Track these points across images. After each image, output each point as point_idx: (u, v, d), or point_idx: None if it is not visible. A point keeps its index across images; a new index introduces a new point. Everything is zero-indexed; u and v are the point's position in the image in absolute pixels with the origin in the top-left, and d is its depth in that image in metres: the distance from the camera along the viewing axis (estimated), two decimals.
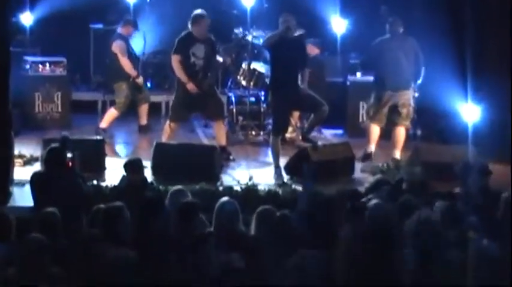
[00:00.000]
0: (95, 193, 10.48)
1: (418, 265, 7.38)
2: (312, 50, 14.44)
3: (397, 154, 13.20)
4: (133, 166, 10.34)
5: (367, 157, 13.32)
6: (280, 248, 7.91)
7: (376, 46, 13.72)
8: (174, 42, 13.19)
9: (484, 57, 14.13)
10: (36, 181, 9.91)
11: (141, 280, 7.09)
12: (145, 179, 10.41)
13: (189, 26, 12.90)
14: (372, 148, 13.43)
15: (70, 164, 10.22)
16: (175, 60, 13.00)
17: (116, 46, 14.32)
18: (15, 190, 10.86)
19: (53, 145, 10.22)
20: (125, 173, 10.32)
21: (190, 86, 12.85)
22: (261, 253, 7.87)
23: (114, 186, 10.56)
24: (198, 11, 12.94)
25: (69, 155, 10.23)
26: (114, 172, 11.54)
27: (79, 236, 7.89)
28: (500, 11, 14.25)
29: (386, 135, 13.61)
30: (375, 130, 13.53)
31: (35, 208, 9.56)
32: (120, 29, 14.63)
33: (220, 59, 13.60)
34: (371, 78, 14.24)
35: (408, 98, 13.39)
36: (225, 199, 8.80)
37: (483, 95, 13.44)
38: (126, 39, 14.48)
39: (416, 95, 13.53)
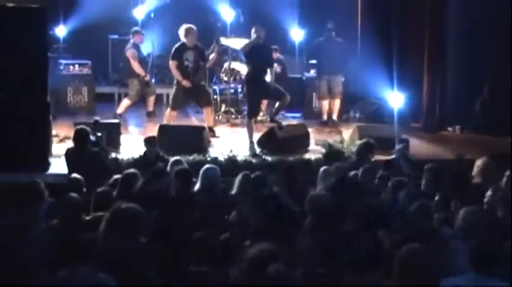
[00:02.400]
0: (114, 163, 10.48)
1: None
2: (274, 54, 14.47)
3: (335, 116, 14.48)
4: (150, 141, 10.44)
5: (323, 123, 14.38)
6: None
7: (316, 44, 14.69)
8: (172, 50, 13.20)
9: (406, 57, 14.22)
10: (68, 154, 9.93)
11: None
12: (158, 152, 10.44)
13: (182, 37, 12.90)
14: (325, 117, 14.51)
15: (99, 141, 10.24)
16: (172, 64, 13.02)
17: (129, 53, 14.28)
18: (53, 161, 10.80)
19: (78, 127, 10.19)
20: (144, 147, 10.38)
21: (185, 83, 12.87)
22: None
23: (138, 157, 10.57)
24: (188, 25, 12.94)
25: (98, 134, 10.24)
26: (127, 147, 11.55)
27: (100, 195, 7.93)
28: (419, 16, 14.37)
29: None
30: (325, 105, 14.57)
31: (69, 175, 9.59)
32: (133, 39, 14.57)
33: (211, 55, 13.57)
34: None
35: (339, 80, 14.46)
36: (207, 165, 8.86)
37: (406, 85, 13.52)
38: (137, 47, 14.41)
39: (343, 79, 14.57)
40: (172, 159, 9.57)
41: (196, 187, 8.58)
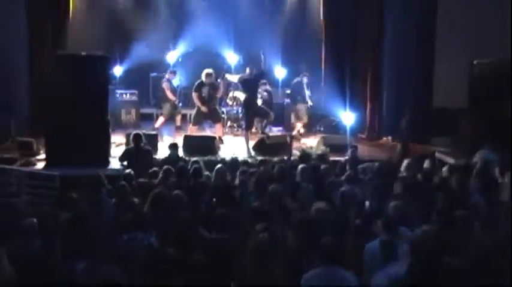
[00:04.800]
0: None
1: None
2: (263, 87, 14.57)
3: (301, 130, 14.38)
4: (173, 146, 10.53)
5: (295, 136, 13.97)
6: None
7: (293, 84, 14.66)
8: (194, 84, 13.31)
9: (355, 88, 14.34)
10: (130, 150, 10.19)
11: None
12: (178, 154, 10.56)
13: (203, 76, 13.04)
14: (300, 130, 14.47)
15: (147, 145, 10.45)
16: (194, 95, 13.16)
17: (164, 85, 14.32)
18: (112, 160, 10.95)
19: (134, 132, 10.44)
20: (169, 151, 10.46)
21: (203, 109, 13.03)
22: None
23: (165, 157, 10.64)
24: (209, 71, 13.09)
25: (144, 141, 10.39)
26: (162, 150, 11.62)
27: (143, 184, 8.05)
28: (363, 60, 14.47)
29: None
30: (298, 125, 14.43)
31: (123, 169, 9.71)
32: (167, 75, 14.65)
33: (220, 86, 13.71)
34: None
35: (307, 105, 14.42)
36: (218, 165, 8.97)
37: (354, 108, 13.66)
38: (169, 81, 14.46)
39: (311, 104, 14.53)
40: (192, 159, 9.75)
41: (212, 179, 8.72)
